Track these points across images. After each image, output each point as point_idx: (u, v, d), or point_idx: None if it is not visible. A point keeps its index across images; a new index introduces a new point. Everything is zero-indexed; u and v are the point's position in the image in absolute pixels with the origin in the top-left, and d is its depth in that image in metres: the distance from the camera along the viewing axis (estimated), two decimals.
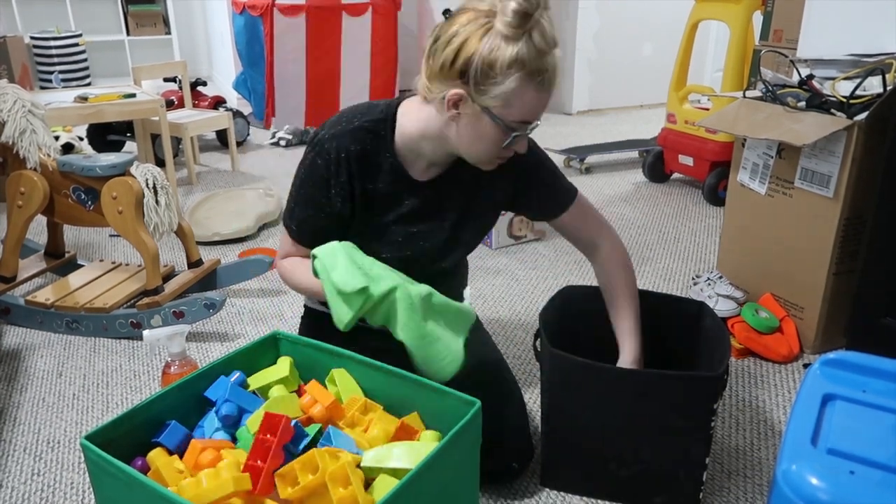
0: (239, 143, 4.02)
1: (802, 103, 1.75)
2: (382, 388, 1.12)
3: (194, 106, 3.84)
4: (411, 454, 0.95)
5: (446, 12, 1.14)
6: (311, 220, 1.30)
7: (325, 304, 1.19)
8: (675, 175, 3.40)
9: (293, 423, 0.99)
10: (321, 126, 1.30)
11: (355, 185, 1.27)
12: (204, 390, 1.11)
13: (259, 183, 3.38)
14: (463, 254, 1.42)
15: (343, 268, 1.12)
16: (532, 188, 1.38)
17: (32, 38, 5.55)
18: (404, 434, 1.03)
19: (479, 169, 1.28)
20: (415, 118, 1.24)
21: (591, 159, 3.70)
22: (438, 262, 1.35)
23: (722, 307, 1.90)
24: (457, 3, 1.14)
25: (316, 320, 1.49)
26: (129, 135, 3.67)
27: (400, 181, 1.29)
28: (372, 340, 1.38)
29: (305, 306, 1.53)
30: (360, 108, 1.30)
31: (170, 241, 2.63)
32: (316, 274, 1.16)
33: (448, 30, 1.11)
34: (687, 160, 3.12)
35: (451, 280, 1.48)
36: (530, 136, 1.26)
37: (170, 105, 3.59)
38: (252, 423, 1.04)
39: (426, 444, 1.00)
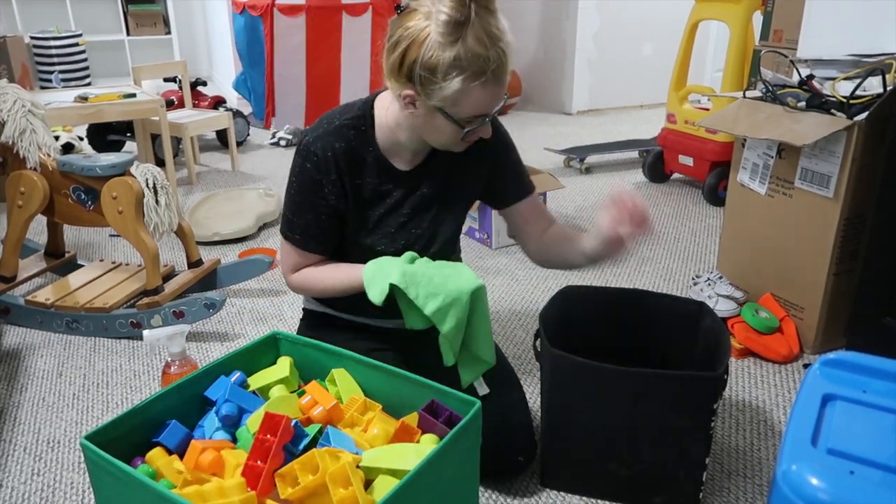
0: (239, 143, 4.02)
1: (802, 103, 1.75)
2: (382, 388, 1.12)
3: (194, 106, 3.84)
4: (411, 454, 0.95)
5: (397, 7, 1.16)
6: (312, 225, 1.31)
7: (350, 305, 1.22)
8: (675, 175, 3.40)
9: (293, 423, 0.99)
10: (303, 133, 1.32)
11: (346, 182, 1.30)
12: (204, 390, 1.11)
13: (259, 183, 3.38)
14: (449, 235, 1.41)
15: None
16: (506, 170, 1.41)
17: (32, 37, 5.55)
18: (404, 434, 1.03)
19: (461, 153, 1.32)
20: (389, 111, 1.27)
21: (591, 159, 3.70)
22: (429, 246, 1.37)
23: (722, 307, 1.90)
24: None
25: (315, 321, 1.49)
26: (129, 135, 3.67)
27: (386, 173, 1.32)
28: (369, 341, 1.38)
29: (304, 308, 1.53)
30: (336, 109, 1.33)
31: (170, 241, 2.63)
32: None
33: (395, 32, 1.14)
34: (687, 160, 3.12)
35: None
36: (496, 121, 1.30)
37: (170, 105, 3.59)
38: (252, 423, 1.04)
39: (426, 444, 1.00)
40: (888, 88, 1.61)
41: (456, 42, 1.08)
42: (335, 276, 1.31)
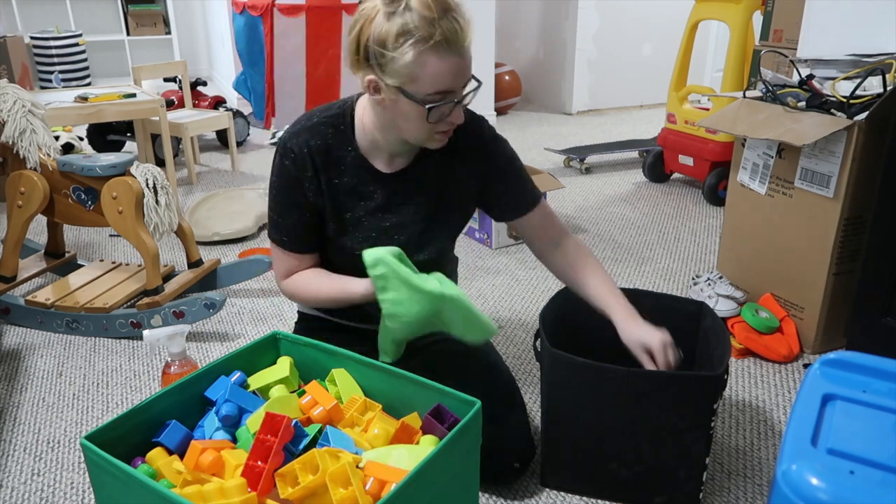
0: (239, 143, 4.02)
1: (802, 103, 1.75)
2: (382, 388, 1.12)
3: (194, 106, 3.84)
4: (411, 455, 0.95)
5: None
6: (297, 224, 1.30)
7: (343, 309, 1.22)
8: (675, 175, 3.40)
9: (293, 423, 0.99)
10: (284, 132, 1.32)
11: (321, 179, 1.29)
12: (204, 390, 1.11)
13: (259, 183, 3.38)
14: (440, 247, 1.39)
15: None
16: (500, 182, 1.37)
17: (32, 37, 5.55)
18: (404, 434, 1.03)
19: (447, 159, 1.30)
20: (367, 109, 1.27)
21: (591, 159, 3.70)
22: (415, 254, 1.34)
23: (722, 307, 1.90)
24: None
25: (310, 325, 1.48)
26: (129, 135, 3.67)
27: (365, 174, 1.31)
28: (365, 343, 1.38)
29: (299, 312, 1.53)
30: (317, 108, 1.33)
31: (170, 241, 2.63)
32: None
33: (354, 18, 1.15)
34: (687, 160, 3.12)
35: (445, 275, 1.46)
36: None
37: (170, 105, 3.60)
38: (252, 423, 1.04)
39: (426, 445, 1.00)
40: (888, 88, 1.61)
41: (402, 10, 1.09)
42: (329, 286, 1.30)
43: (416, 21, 1.08)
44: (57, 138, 3.01)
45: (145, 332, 1.40)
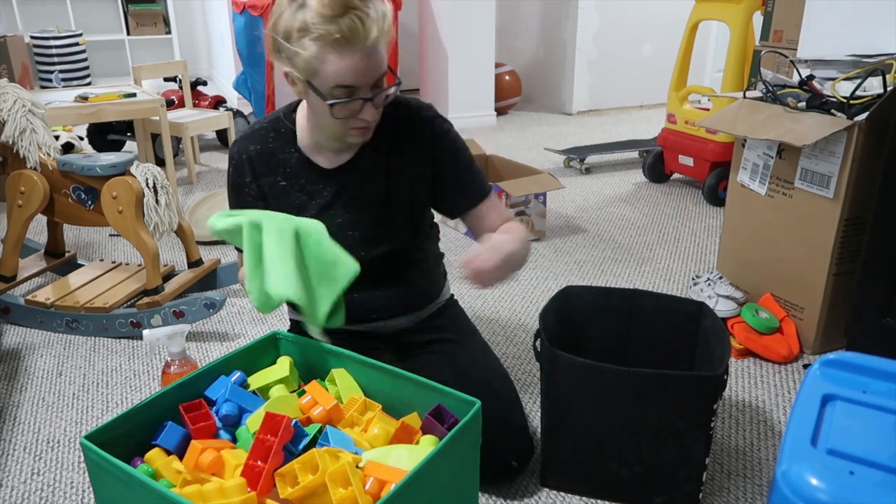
0: None
1: (803, 104, 1.75)
2: (382, 388, 1.12)
3: (194, 105, 3.84)
4: (411, 455, 0.95)
5: None
6: None
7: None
8: (675, 175, 3.40)
9: (293, 423, 0.99)
10: None
11: (262, 183, 1.32)
12: (204, 390, 1.11)
13: None
14: (400, 240, 1.37)
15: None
16: (448, 172, 1.36)
17: (32, 37, 5.55)
18: (404, 434, 1.03)
19: (394, 150, 1.31)
20: (304, 108, 1.28)
21: (591, 159, 3.70)
22: (374, 249, 1.33)
23: (722, 307, 1.90)
24: None
25: (304, 330, 1.48)
26: (129, 134, 3.67)
27: (311, 172, 1.32)
28: (360, 344, 1.38)
29: (291, 319, 1.53)
30: (269, 114, 1.36)
31: (170, 241, 2.63)
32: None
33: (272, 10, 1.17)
34: (687, 160, 3.12)
35: (417, 270, 1.44)
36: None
37: (170, 105, 3.59)
38: (252, 422, 1.04)
39: (426, 445, 1.00)
40: (888, 88, 1.61)
41: (300, 7, 1.10)
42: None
43: (314, 17, 1.09)
44: (57, 138, 3.01)
45: (145, 332, 1.41)
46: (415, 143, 1.32)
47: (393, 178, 1.33)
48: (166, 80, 4.10)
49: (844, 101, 1.64)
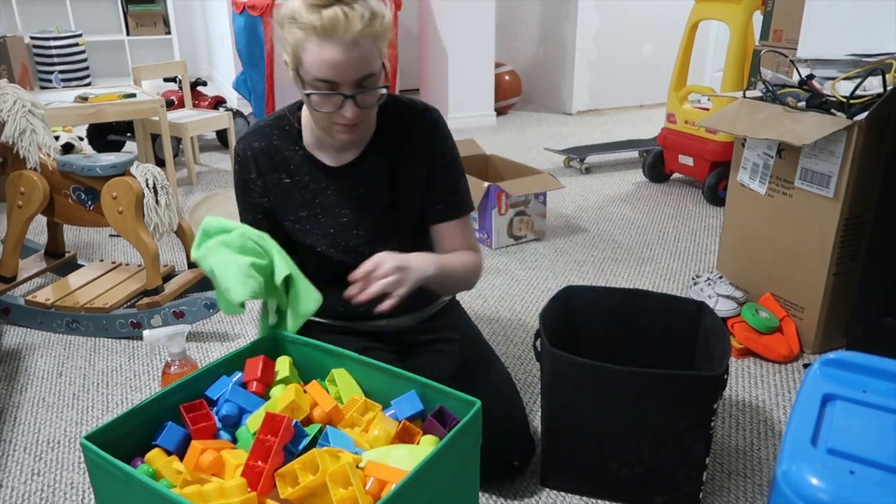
0: None
1: (802, 103, 1.75)
2: (382, 388, 1.12)
3: (194, 106, 3.84)
4: (411, 455, 0.95)
5: None
6: (253, 223, 1.31)
7: (326, 307, 1.22)
8: (675, 175, 3.40)
9: (293, 423, 0.99)
10: None
11: (267, 180, 1.32)
12: (204, 390, 1.11)
13: None
14: (405, 239, 1.36)
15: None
16: (439, 177, 1.35)
17: (32, 38, 5.55)
18: (405, 434, 1.03)
19: (397, 150, 1.31)
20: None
21: (591, 159, 3.70)
22: (380, 247, 1.30)
23: (722, 307, 1.90)
24: None
25: (303, 330, 1.48)
26: (129, 135, 3.67)
27: (315, 170, 1.32)
28: (360, 342, 1.38)
29: None
30: (275, 112, 1.36)
31: (170, 241, 2.63)
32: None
33: None
34: (687, 160, 3.12)
35: None
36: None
37: (170, 105, 3.59)
38: (252, 423, 1.03)
39: (426, 445, 1.00)
40: (888, 88, 1.61)
41: None
42: None
43: (301, 5, 1.11)
44: (57, 138, 3.01)
45: (145, 332, 1.41)
46: (417, 144, 1.33)
47: (398, 177, 1.34)
48: (166, 80, 4.10)
49: (844, 100, 1.64)
